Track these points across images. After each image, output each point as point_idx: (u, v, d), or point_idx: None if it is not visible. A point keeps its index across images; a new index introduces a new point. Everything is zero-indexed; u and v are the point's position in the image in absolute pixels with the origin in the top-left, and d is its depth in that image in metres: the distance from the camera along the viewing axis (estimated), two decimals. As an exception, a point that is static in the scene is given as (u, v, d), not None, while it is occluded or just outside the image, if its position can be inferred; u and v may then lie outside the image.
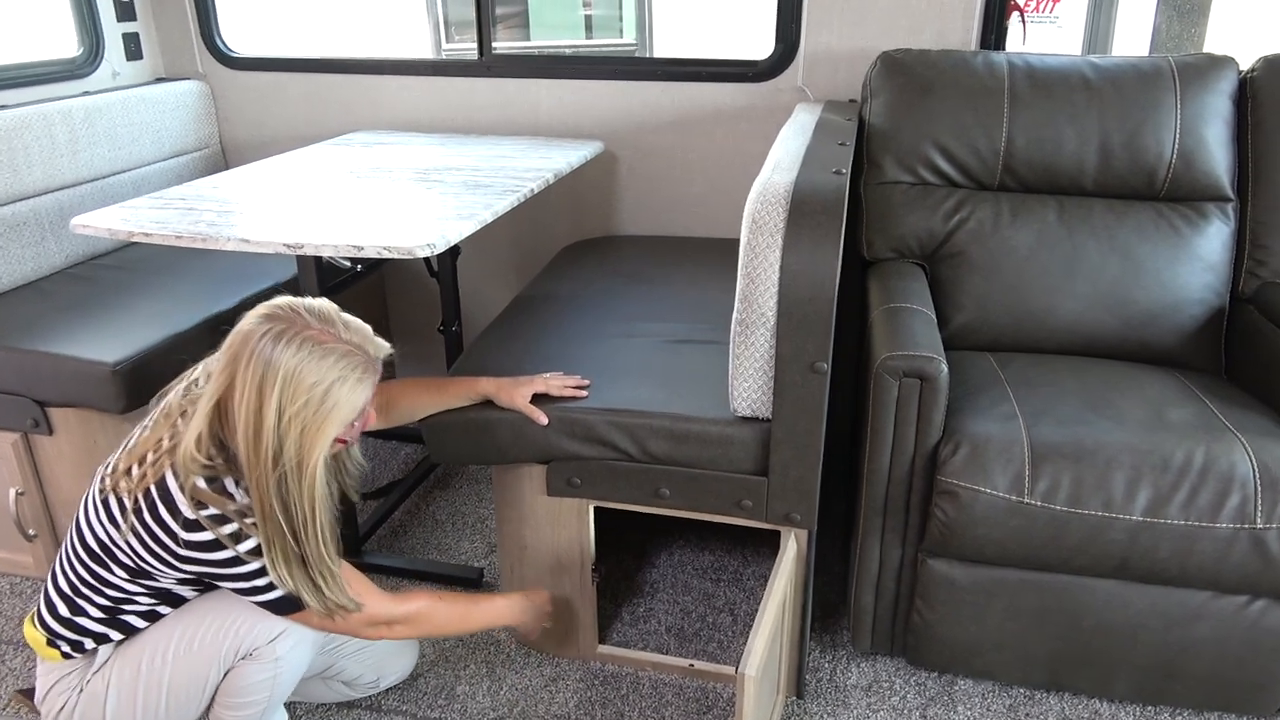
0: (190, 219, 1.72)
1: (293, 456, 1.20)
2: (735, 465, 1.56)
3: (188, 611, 1.40)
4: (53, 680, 1.41)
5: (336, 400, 1.20)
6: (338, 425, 1.23)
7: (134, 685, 1.38)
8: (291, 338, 1.19)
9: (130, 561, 1.30)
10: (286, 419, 1.18)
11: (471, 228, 1.67)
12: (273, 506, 1.22)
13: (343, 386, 1.21)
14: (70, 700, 1.40)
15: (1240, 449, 1.49)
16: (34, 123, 2.20)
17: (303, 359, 1.18)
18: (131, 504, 1.25)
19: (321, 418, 1.20)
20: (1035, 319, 1.92)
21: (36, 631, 1.39)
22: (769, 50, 2.37)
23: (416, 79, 2.60)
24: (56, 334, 1.92)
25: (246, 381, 1.18)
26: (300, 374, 1.18)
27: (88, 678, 1.40)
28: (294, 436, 1.19)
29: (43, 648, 1.39)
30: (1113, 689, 1.65)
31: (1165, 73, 1.95)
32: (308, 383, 1.18)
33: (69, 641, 1.38)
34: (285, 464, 1.20)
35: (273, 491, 1.21)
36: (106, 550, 1.30)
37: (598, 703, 1.73)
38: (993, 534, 1.52)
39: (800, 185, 1.45)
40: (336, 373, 1.20)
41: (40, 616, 1.40)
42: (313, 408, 1.19)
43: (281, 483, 1.21)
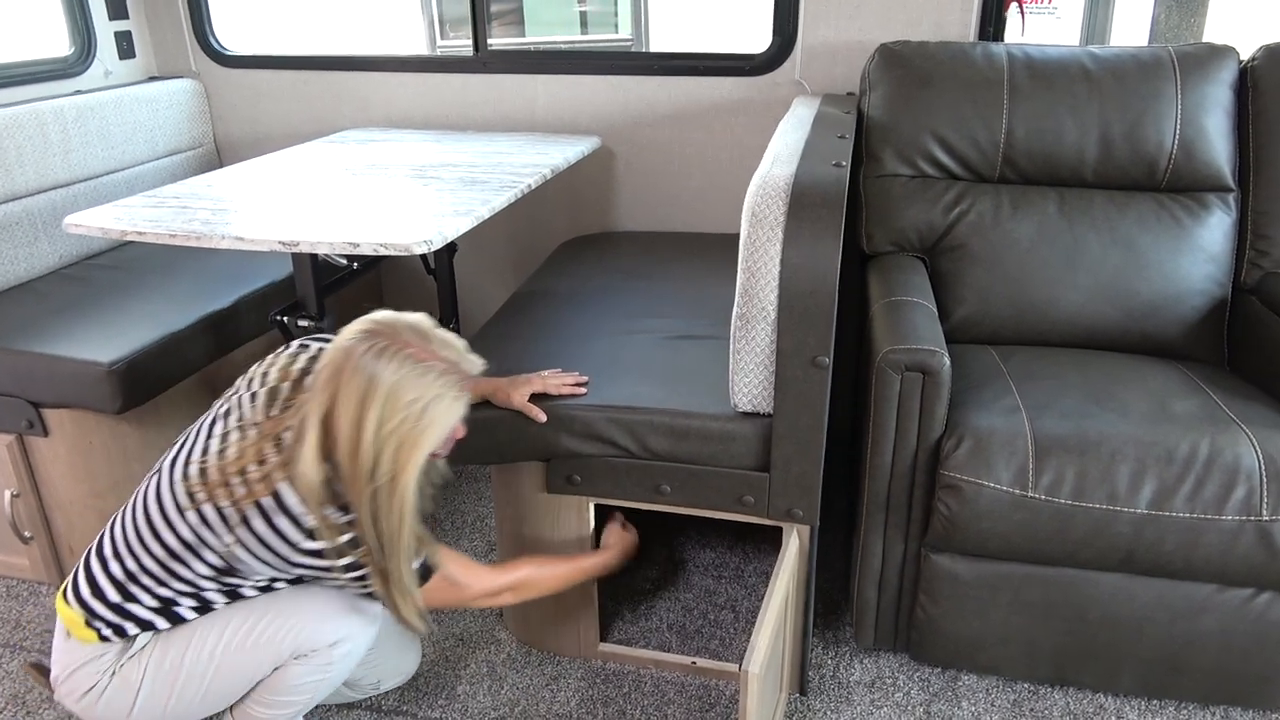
0: (185, 217, 1.70)
1: (386, 472, 1.21)
2: (736, 461, 1.55)
3: (244, 607, 1.38)
4: (80, 660, 1.36)
5: (433, 418, 1.22)
6: (432, 442, 1.24)
7: (174, 674, 1.36)
8: (393, 354, 1.20)
9: (221, 561, 1.29)
10: (384, 434, 1.20)
11: (469, 224, 1.66)
12: (365, 519, 1.24)
13: (439, 404, 1.22)
14: (101, 683, 1.36)
15: (1245, 441, 1.48)
16: (26, 122, 2.19)
17: (402, 376, 1.20)
18: (239, 515, 1.25)
19: (418, 434, 1.21)
20: (1037, 311, 1.90)
21: (73, 610, 1.35)
22: (766, 44, 2.35)
23: (411, 75, 2.59)
24: (51, 334, 1.90)
25: (349, 396, 1.20)
26: (399, 390, 1.19)
27: (121, 662, 1.36)
28: (390, 452, 1.21)
29: (79, 627, 1.35)
30: (1118, 683, 1.64)
31: (1165, 63, 1.94)
32: (406, 399, 1.20)
33: (111, 625, 1.34)
34: (379, 479, 1.22)
35: (366, 505, 1.23)
36: (192, 549, 1.29)
37: (599, 701, 1.72)
38: (996, 528, 1.51)
39: (800, 178, 1.44)
40: (435, 390, 1.21)
41: (80, 596, 1.35)
42: (409, 424, 1.20)
43: (374, 497, 1.23)
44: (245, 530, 1.26)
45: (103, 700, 1.37)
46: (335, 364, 1.22)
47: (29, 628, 1.92)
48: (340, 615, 1.40)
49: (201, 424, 1.36)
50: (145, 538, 1.32)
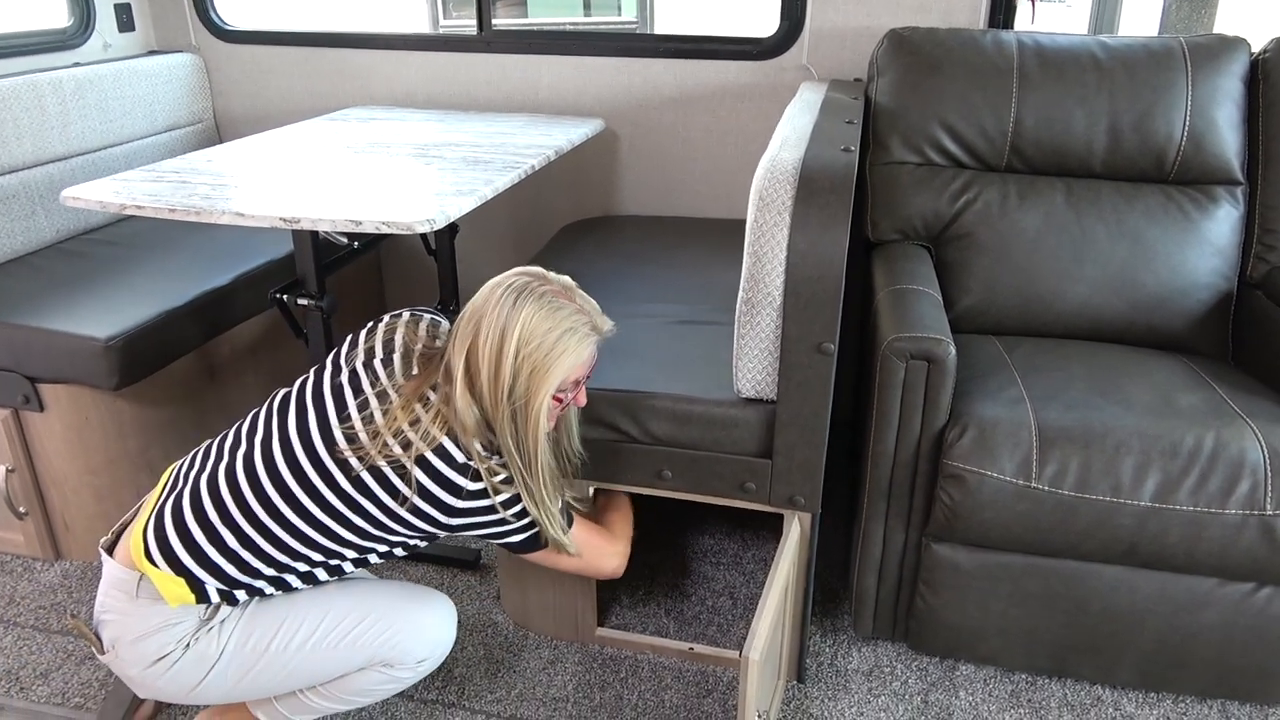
0: (184, 192, 1.68)
1: (521, 395, 1.29)
2: (739, 447, 1.54)
3: (347, 603, 1.38)
4: (154, 626, 1.30)
5: (565, 347, 1.30)
6: (562, 371, 1.31)
7: (255, 657, 1.34)
8: (531, 292, 1.30)
9: (367, 525, 1.31)
10: (521, 358, 1.28)
11: (472, 204, 1.64)
12: (507, 441, 1.31)
13: (572, 337, 1.30)
14: (174, 654, 1.30)
15: (1250, 435, 1.47)
16: (23, 94, 2.16)
17: (540, 307, 1.29)
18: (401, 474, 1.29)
19: (550, 361, 1.29)
20: (1042, 302, 1.89)
21: (166, 572, 1.28)
22: (773, 27, 2.33)
23: (415, 54, 2.56)
24: (48, 309, 1.89)
25: (491, 326, 1.29)
26: (536, 319, 1.29)
27: (199, 635, 1.31)
28: (525, 375, 1.29)
29: (172, 585, 1.28)
30: (1116, 675, 1.64)
31: (1176, 53, 1.92)
32: (543, 328, 1.29)
33: (219, 590, 1.31)
34: (516, 401, 1.30)
35: (507, 428, 1.31)
36: (341, 517, 1.30)
37: (597, 686, 1.71)
38: (999, 518, 1.50)
39: (809, 163, 1.42)
40: (568, 324, 1.30)
41: (177, 560, 1.28)
42: (544, 350, 1.29)
43: (514, 419, 1.31)
44: (409, 486, 1.28)
45: (172, 671, 1.31)
46: (477, 305, 1.31)
47: (23, 603, 1.91)
48: (435, 631, 1.43)
49: (315, 392, 1.35)
50: (278, 505, 1.29)
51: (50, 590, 1.95)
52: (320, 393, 1.36)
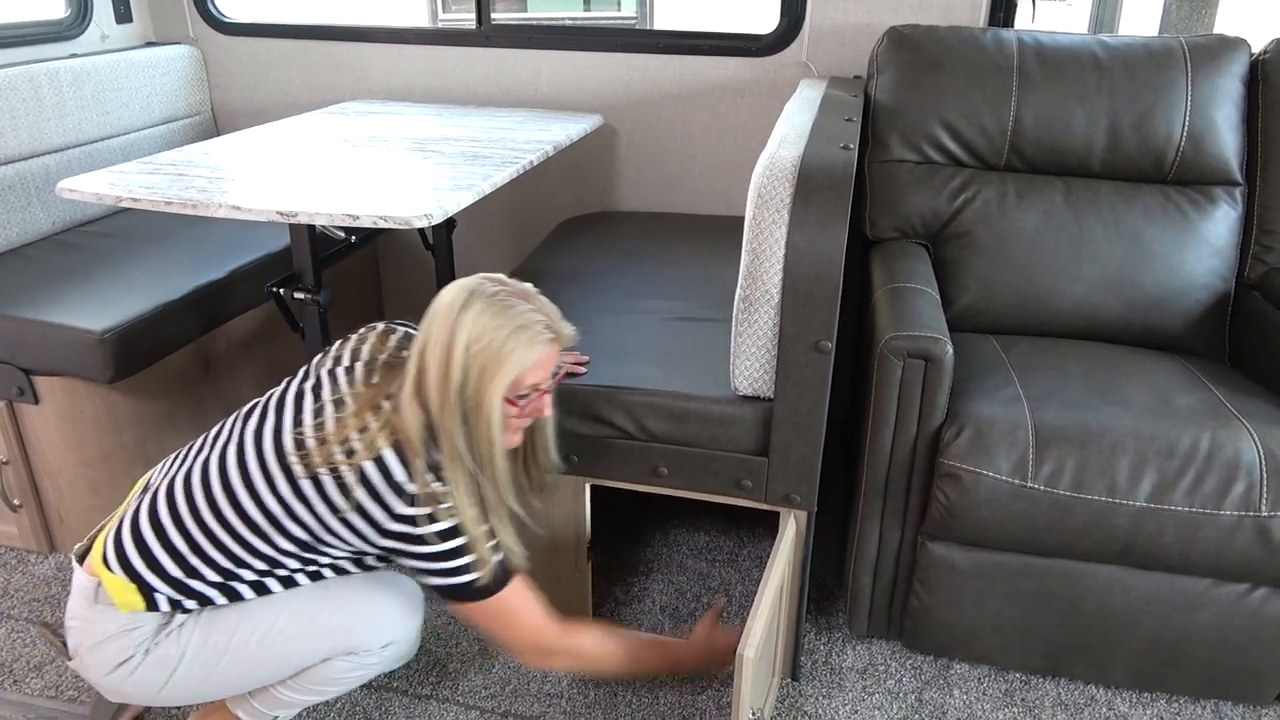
0: (181, 185, 1.67)
1: (472, 395, 1.26)
2: (735, 445, 1.54)
3: (301, 595, 1.36)
4: (111, 631, 1.31)
5: (515, 346, 1.26)
6: (513, 369, 1.26)
7: (216, 655, 1.33)
8: (483, 293, 1.28)
9: (307, 536, 1.28)
10: (471, 354, 1.25)
11: (470, 198, 1.63)
12: (457, 446, 1.27)
13: (521, 335, 1.26)
14: (134, 658, 1.31)
15: (1247, 436, 1.47)
16: (20, 84, 2.15)
17: (492, 307, 1.27)
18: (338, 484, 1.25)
19: (500, 359, 1.25)
20: (1040, 302, 1.89)
21: (119, 578, 1.30)
22: (773, 24, 2.33)
23: (413, 48, 2.55)
24: (43, 301, 1.88)
25: (442, 327, 1.26)
26: (486, 316, 1.26)
27: (158, 639, 1.31)
28: (475, 373, 1.25)
29: (127, 593, 1.30)
30: (1110, 675, 1.64)
31: (1177, 53, 1.92)
32: (492, 325, 1.26)
33: (167, 598, 1.31)
34: (467, 402, 1.26)
35: (458, 430, 1.26)
36: (278, 523, 1.28)
37: (591, 682, 1.71)
38: (995, 517, 1.50)
39: (808, 160, 1.42)
40: (519, 322, 1.27)
41: (129, 565, 1.30)
42: (493, 349, 1.25)
43: (464, 423, 1.27)
44: (344, 498, 1.26)
45: (135, 675, 1.32)
46: (433, 308, 1.29)
47: (16, 595, 1.91)
48: (397, 616, 1.40)
49: (279, 398, 1.35)
50: (223, 510, 1.29)
51: (44, 583, 1.95)
52: (283, 399, 1.35)
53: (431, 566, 1.30)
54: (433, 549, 1.28)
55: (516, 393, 1.30)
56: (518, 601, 1.36)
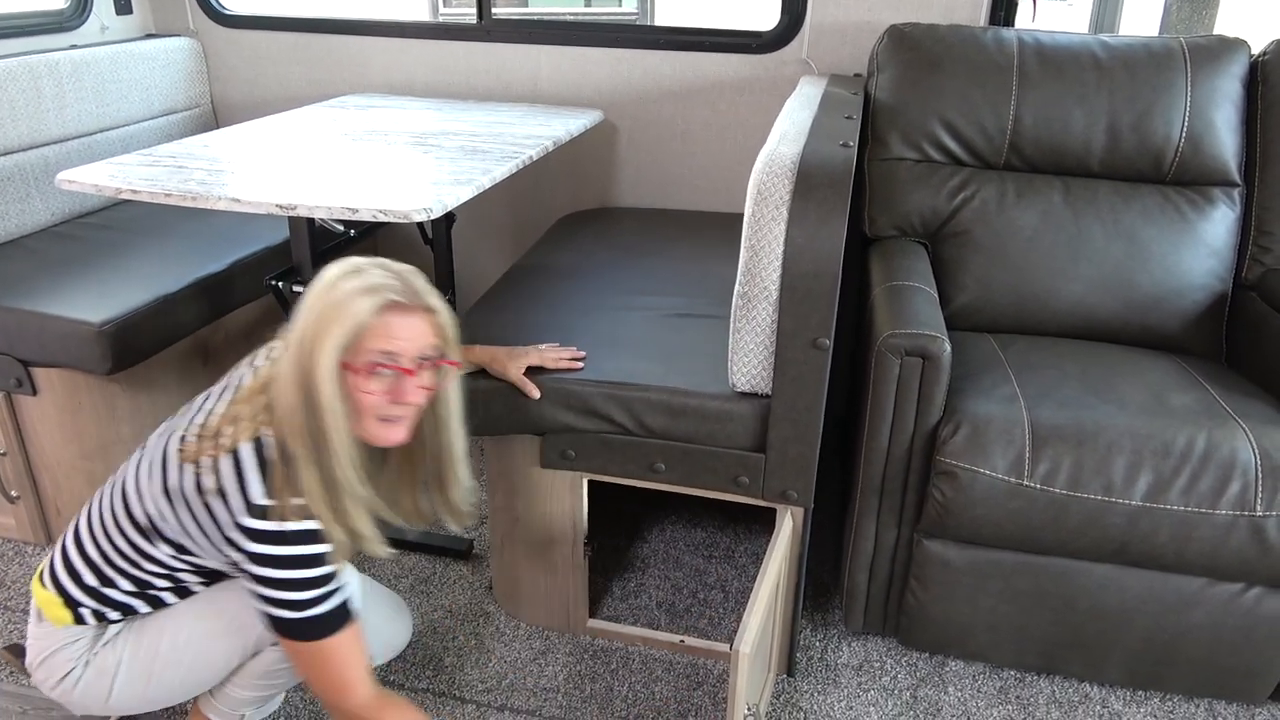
0: (181, 177, 1.67)
1: (307, 356, 1.17)
2: (733, 441, 1.54)
3: (222, 590, 1.35)
4: (54, 645, 1.35)
5: (353, 303, 1.17)
6: (346, 325, 1.17)
7: (150, 660, 1.34)
8: (349, 266, 1.22)
9: (177, 538, 1.26)
10: (311, 314, 1.18)
11: (469, 193, 1.63)
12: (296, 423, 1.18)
13: (365, 295, 1.17)
14: (76, 670, 1.34)
15: (1242, 435, 1.48)
16: (19, 75, 2.15)
17: (345, 267, 1.21)
18: (195, 484, 1.21)
19: (331, 311, 1.17)
20: (1038, 301, 1.90)
21: (49, 593, 1.33)
22: (774, 21, 2.33)
23: (414, 42, 2.55)
24: (42, 293, 1.88)
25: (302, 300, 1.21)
26: (334, 274, 1.20)
27: (96, 650, 1.34)
28: (310, 333, 1.17)
29: (54, 608, 1.33)
30: (1105, 673, 1.65)
31: (1176, 54, 1.92)
32: (339, 282, 1.19)
33: (92, 611, 1.33)
34: (304, 365, 1.17)
35: (298, 402, 1.17)
36: (154, 525, 1.26)
37: (587, 677, 1.72)
38: (991, 515, 1.50)
39: (807, 157, 1.42)
40: (369, 282, 1.19)
41: (56, 579, 1.33)
42: (332, 302, 1.18)
43: (300, 388, 1.18)
44: (197, 496, 1.21)
45: (79, 687, 1.35)
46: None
47: (14, 587, 1.91)
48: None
49: (189, 403, 1.34)
50: (119, 518, 1.30)
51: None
52: (191, 403, 1.33)
53: (262, 591, 1.21)
54: (268, 572, 1.19)
55: (359, 358, 1.19)
56: (345, 653, 1.25)
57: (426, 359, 1.24)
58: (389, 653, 1.67)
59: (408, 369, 1.22)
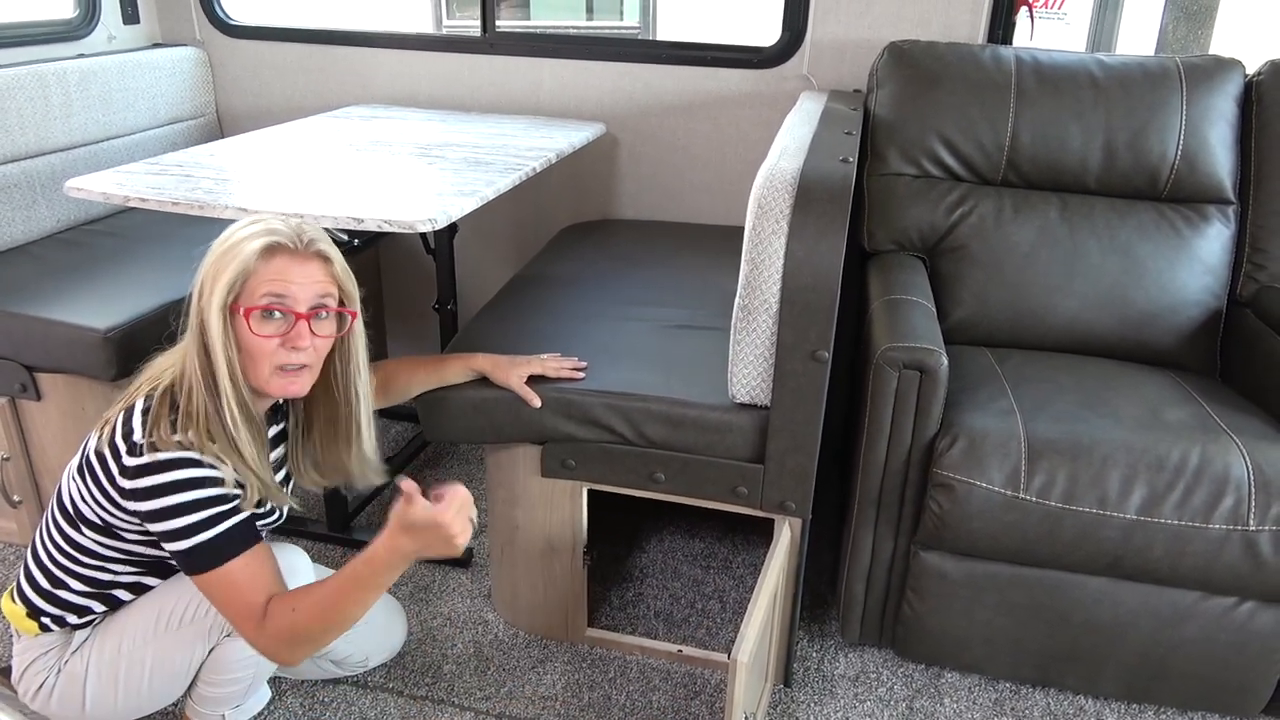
0: (188, 186, 1.69)
1: (199, 297, 1.24)
2: (732, 452, 1.56)
3: (172, 587, 1.37)
4: (30, 658, 1.38)
5: (239, 238, 1.24)
6: (233, 266, 1.22)
7: (115, 664, 1.36)
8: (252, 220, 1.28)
9: (94, 516, 1.27)
10: (202, 258, 1.25)
11: (473, 204, 1.65)
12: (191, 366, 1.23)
13: (253, 240, 1.23)
14: (49, 680, 1.37)
15: (1236, 451, 1.49)
16: (28, 83, 2.17)
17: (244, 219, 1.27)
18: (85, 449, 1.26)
19: (224, 256, 1.23)
20: (1034, 316, 1.91)
21: (15, 605, 1.37)
22: (775, 37, 2.35)
23: (418, 54, 2.57)
24: (47, 299, 1.89)
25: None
26: (234, 226, 1.27)
27: (65, 658, 1.37)
28: (208, 276, 1.23)
29: (21, 620, 1.36)
30: (1099, 686, 1.66)
31: (1172, 73, 1.95)
32: (230, 229, 1.26)
33: (52, 616, 1.35)
34: (196, 307, 1.24)
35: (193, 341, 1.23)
36: (75, 508, 1.29)
37: (585, 685, 1.72)
38: (987, 528, 1.52)
39: (807, 172, 1.44)
40: (263, 227, 1.25)
41: (20, 590, 1.37)
42: (223, 247, 1.24)
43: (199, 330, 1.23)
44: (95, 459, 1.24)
45: (55, 696, 1.37)
46: None
47: (15, 592, 1.92)
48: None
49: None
50: (55, 512, 1.33)
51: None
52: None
53: (156, 528, 1.21)
54: (151, 505, 1.20)
55: (249, 300, 1.22)
56: (247, 577, 1.23)
57: (321, 306, 1.27)
58: (385, 654, 1.69)
59: (300, 313, 1.24)
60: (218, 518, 1.22)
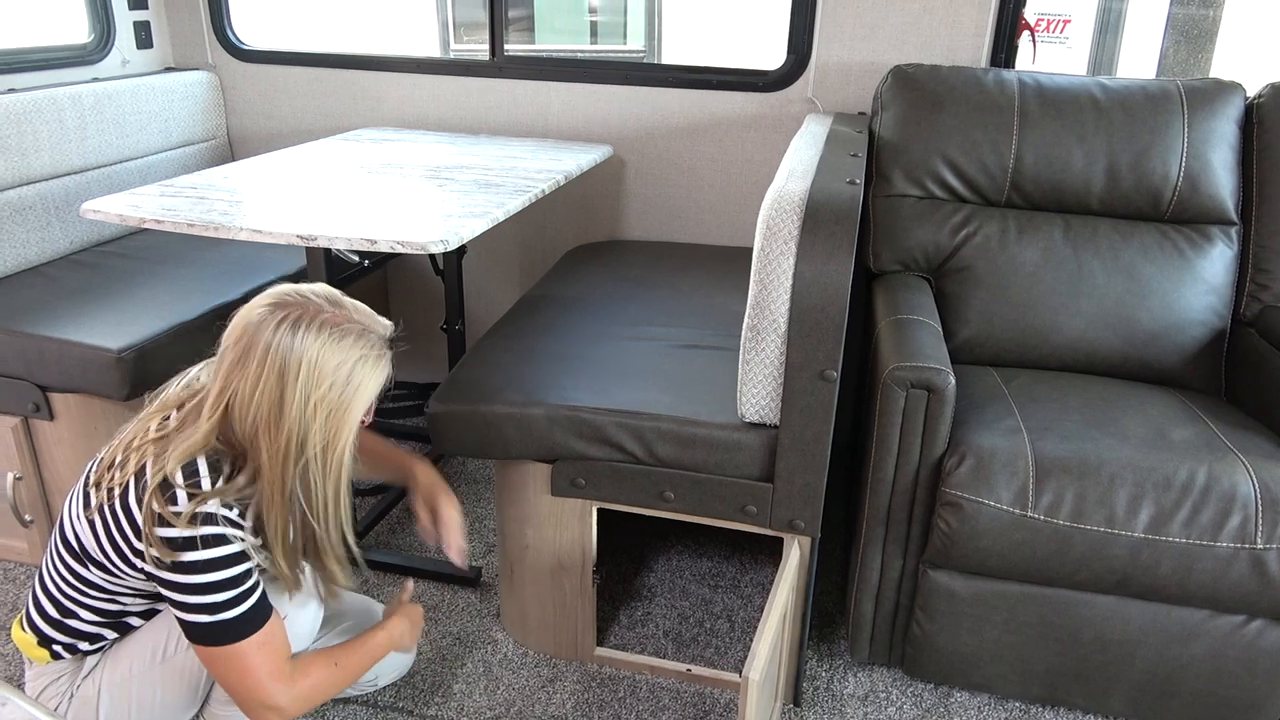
0: (201, 208, 1.71)
1: (318, 443, 1.19)
2: (741, 470, 1.57)
3: None
4: (43, 684, 1.38)
5: (361, 381, 1.20)
6: (363, 405, 1.22)
7: (126, 686, 1.36)
8: (309, 323, 1.17)
9: (103, 558, 1.26)
10: (312, 405, 1.17)
11: (483, 225, 1.67)
12: (289, 495, 1.20)
13: (365, 365, 1.20)
14: (62, 705, 1.37)
15: (1242, 469, 1.50)
16: (44, 107, 2.20)
17: (324, 343, 1.17)
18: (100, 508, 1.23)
19: (348, 400, 1.19)
20: (1040, 335, 1.93)
21: (26, 634, 1.36)
22: (780, 61, 2.38)
23: (427, 77, 2.61)
24: (60, 319, 1.91)
25: (265, 371, 1.16)
26: (323, 358, 1.17)
27: (78, 683, 1.37)
28: (320, 422, 1.18)
29: (32, 648, 1.36)
30: (1109, 705, 1.66)
31: (1173, 96, 1.97)
32: (332, 365, 1.17)
33: (63, 644, 1.35)
34: (310, 450, 1.19)
35: (296, 479, 1.20)
36: (82, 546, 1.27)
37: (595, 705, 1.73)
38: (995, 546, 1.53)
39: (815, 194, 1.46)
40: (358, 352, 1.19)
41: (29, 618, 1.37)
42: (338, 390, 1.18)
43: (305, 470, 1.20)
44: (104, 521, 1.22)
45: None
46: (244, 341, 1.18)
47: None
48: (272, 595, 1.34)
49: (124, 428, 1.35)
50: (59, 545, 1.32)
51: (52, 598, 1.96)
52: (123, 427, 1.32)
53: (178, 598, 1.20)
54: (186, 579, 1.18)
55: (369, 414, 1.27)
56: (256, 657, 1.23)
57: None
58: (394, 674, 1.70)
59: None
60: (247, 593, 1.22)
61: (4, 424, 1.92)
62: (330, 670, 1.33)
